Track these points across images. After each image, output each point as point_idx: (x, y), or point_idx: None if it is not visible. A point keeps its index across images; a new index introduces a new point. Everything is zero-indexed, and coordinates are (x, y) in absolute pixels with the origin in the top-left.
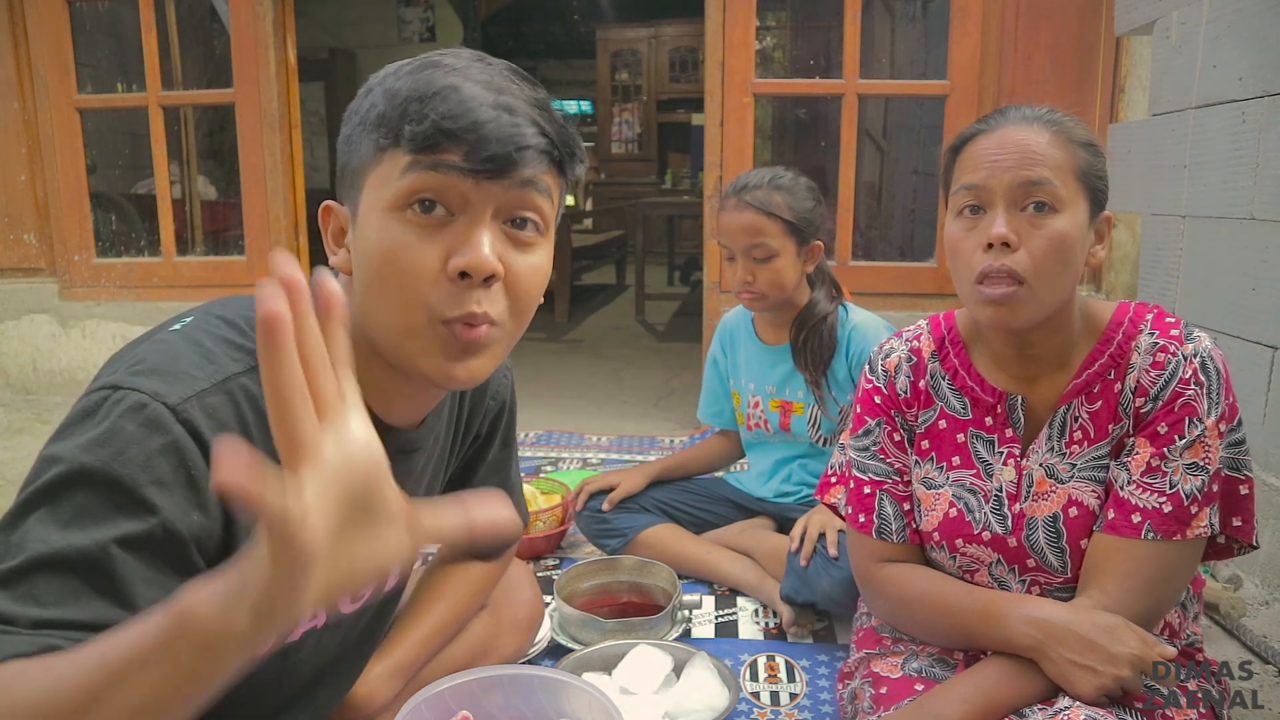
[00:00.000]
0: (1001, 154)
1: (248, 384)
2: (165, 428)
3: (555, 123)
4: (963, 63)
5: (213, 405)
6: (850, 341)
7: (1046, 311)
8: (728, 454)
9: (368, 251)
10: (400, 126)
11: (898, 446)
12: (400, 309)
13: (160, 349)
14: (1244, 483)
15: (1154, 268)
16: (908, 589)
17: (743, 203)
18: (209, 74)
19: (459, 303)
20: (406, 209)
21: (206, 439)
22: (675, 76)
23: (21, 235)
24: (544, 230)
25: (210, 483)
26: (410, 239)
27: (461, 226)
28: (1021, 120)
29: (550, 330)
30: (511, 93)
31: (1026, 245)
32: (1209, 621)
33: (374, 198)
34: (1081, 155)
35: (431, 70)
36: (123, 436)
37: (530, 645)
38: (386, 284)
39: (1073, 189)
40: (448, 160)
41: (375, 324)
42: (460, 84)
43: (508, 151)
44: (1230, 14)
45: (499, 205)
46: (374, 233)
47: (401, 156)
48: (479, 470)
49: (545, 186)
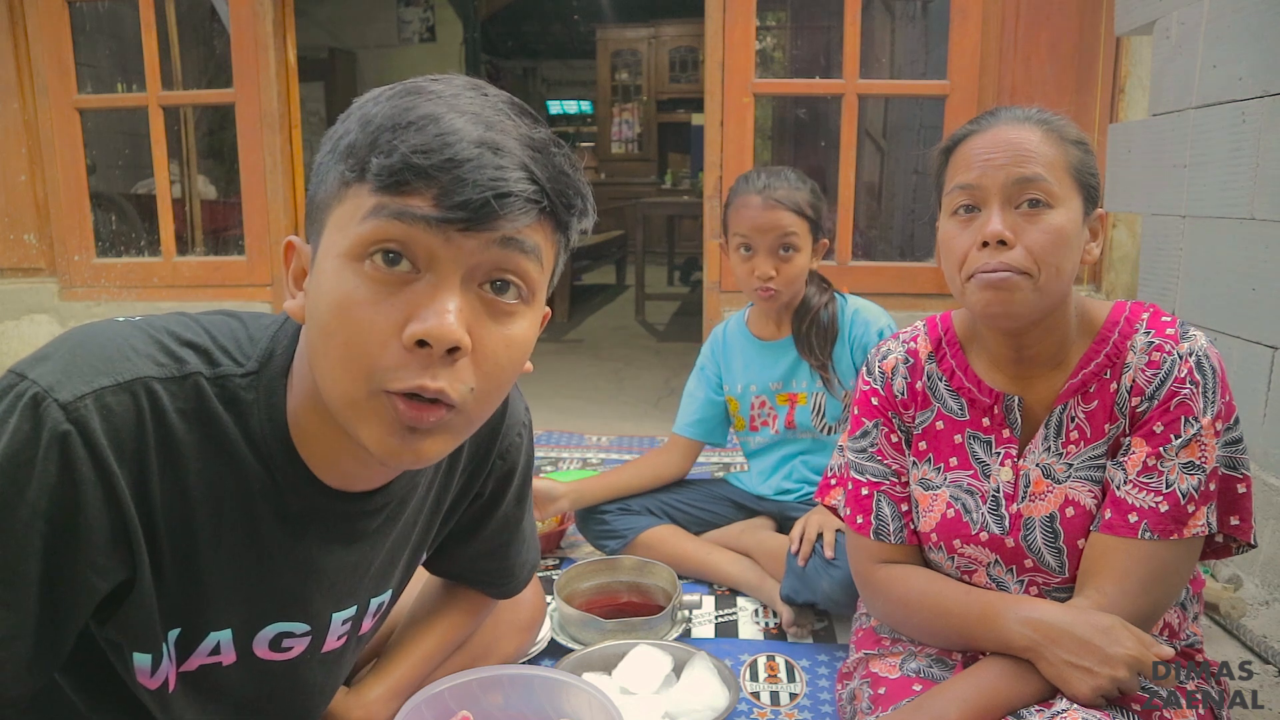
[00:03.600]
0: (995, 153)
1: (158, 390)
2: (50, 424)
3: (552, 167)
4: (963, 63)
5: (112, 405)
6: (852, 325)
7: (1044, 306)
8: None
9: (319, 300)
10: (368, 158)
11: (895, 448)
12: (342, 373)
13: (84, 338)
14: (1241, 481)
15: (1154, 268)
16: (906, 590)
17: (771, 200)
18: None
19: (409, 374)
20: (365, 259)
21: (97, 442)
22: (675, 76)
23: (21, 235)
24: (528, 298)
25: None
26: (364, 295)
27: (426, 286)
28: (1013, 120)
29: (550, 330)
30: (502, 129)
31: (1023, 241)
32: (1209, 621)
33: (334, 240)
34: (1073, 153)
35: (414, 97)
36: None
37: (531, 646)
38: (331, 342)
39: (1066, 186)
40: (414, 208)
41: (320, 385)
42: (442, 114)
43: (485, 198)
44: (1230, 14)
45: (474, 265)
46: (328, 281)
47: (367, 196)
48: (488, 526)
49: (533, 246)
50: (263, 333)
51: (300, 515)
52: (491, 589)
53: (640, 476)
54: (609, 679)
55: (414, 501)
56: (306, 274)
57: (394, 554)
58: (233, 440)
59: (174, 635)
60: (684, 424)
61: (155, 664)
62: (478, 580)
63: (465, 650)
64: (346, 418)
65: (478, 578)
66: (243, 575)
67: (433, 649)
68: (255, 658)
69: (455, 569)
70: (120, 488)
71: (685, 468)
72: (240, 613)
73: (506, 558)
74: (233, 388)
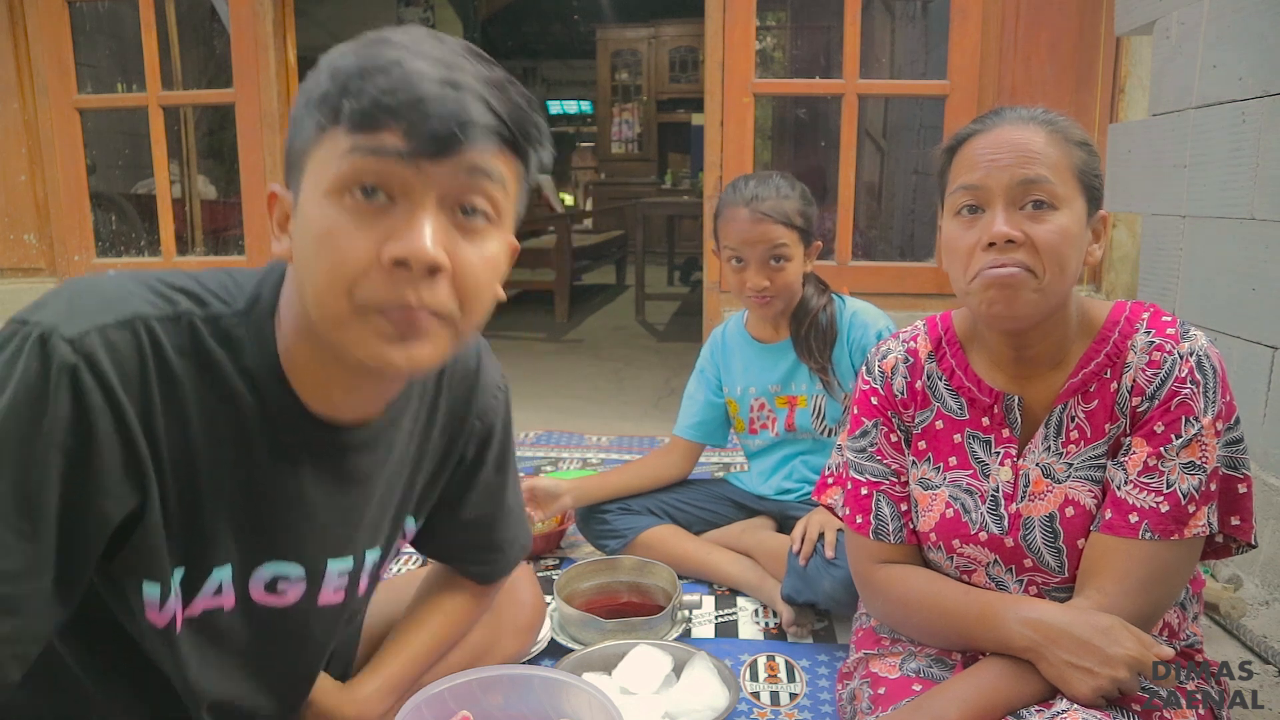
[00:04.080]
0: (999, 153)
1: (155, 328)
2: (60, 357)
3: (510, 102)
4: (963, 63)
5: (115, 339)
6: (851, 327)
7: (1048, 306)
8: (676, 470)
9: (304, 236)
10: (340, 103)
11: (894, 448)
12: (329, 294)
13: (81, 285)
14: (1242, 481)
15: (1154, 268)
16: (905, 590)
17: (758, 214)
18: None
19: (391, 290)
20: (345, 194)
21: (105, 373)
22: (675, 76)
23: (21, 235)
24: (497, 219)
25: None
26: (346, 223)
27: (402, 213)
28: (1018, 120)
29: (550, 330)
30: (461, 69)
31: (1034, 241)
32: (1209, 621)
33: (315, 180)
34: (1078, 154)
35: (378, 46)
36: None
37: (531, 647)
38: (318, 268)
39: (1071, 187)
40: (387, 144)
41: (310, 313)
42: (406, 59)
43: (450, 130)
44: (1230, 14)
45: (444, 191)
46: (312, 217)
47: (342, 138)
48: (470, 496)
49: (497, 173)
50: (248, 279)
51: (293, 448)
52: (482, 568)
53: (641, 477)
54: (609, 679)
55: (398, 452)
56: (289, 219)
57: (383, 507)
58: (227, 374)
59: (179, 575)
60: (684, 426)
61: (164, 597)
62: (467, 559)
63: (465, 651)
64: (337, 337)
65: (466, 556)
66: (240, 509)
67: (427, 645)
68: (254, 603)
69: (444, 547)
70: (129, 417)
71: (686, 469)
72: (238, 547)
73: (494, 532)
74: (224, 326)
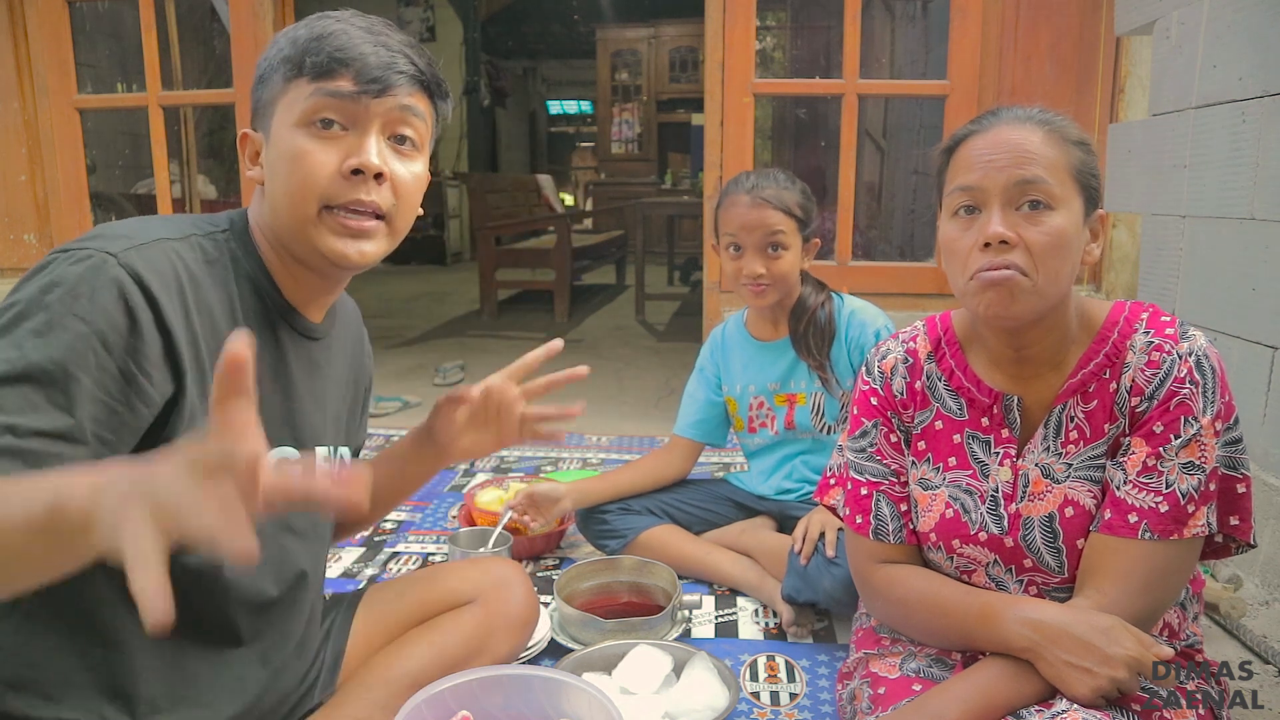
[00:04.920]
0: (996, 154)
1: (178, 248)
2: (108, 269)
3: (423, 59)
4: (963, 63)
5: (150, 255)
6: (849, 326)
7: (1044, 306)
8: (676, 469)
9: (278, 159)
10: (303, 60)
11: (894, 448)
12: (300, 200)
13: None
14: (1241, 481)
15: (1154, 268)
16: (905, 590)
17: (759, 200)
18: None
19: (349, 191)
20: (310, 125)
21: (145, 279)
22: (675, 76)
23: (22, 235)
24: (420, 146)
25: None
26: (313, 146)
27: (354, 137)
28: (1015, 120)
29: (550, 330)
30: (389, 36)
31: (1028, 242)
32: (1209, 621)
33: (284, 118)
34: (1075, 154)
35: (325, 20)
36: (71, 277)
37: (527, 644)
38: (291, 181)
39: (1068, 187)
40: (341, 87)
41: (281, 220)
42: (347, 29)
43: (387, 75)
44: (1230, 14)
45: (383, 122)
46: (283, 144)
47: (305, 85)
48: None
49: (420, 110)
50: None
51: (284, 338)
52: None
53: (642, 477)
54: (609, 679)
55: (336, 358)
56: (259, 154)
57: (339, 404)
58: (236, 278)
59: None
60: (684, 425)
61: None
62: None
63: (458, 649)
64: (306, 234)
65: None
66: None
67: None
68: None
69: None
70: (167, 314)
71: (686, 468)
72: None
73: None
74: (221, 240)
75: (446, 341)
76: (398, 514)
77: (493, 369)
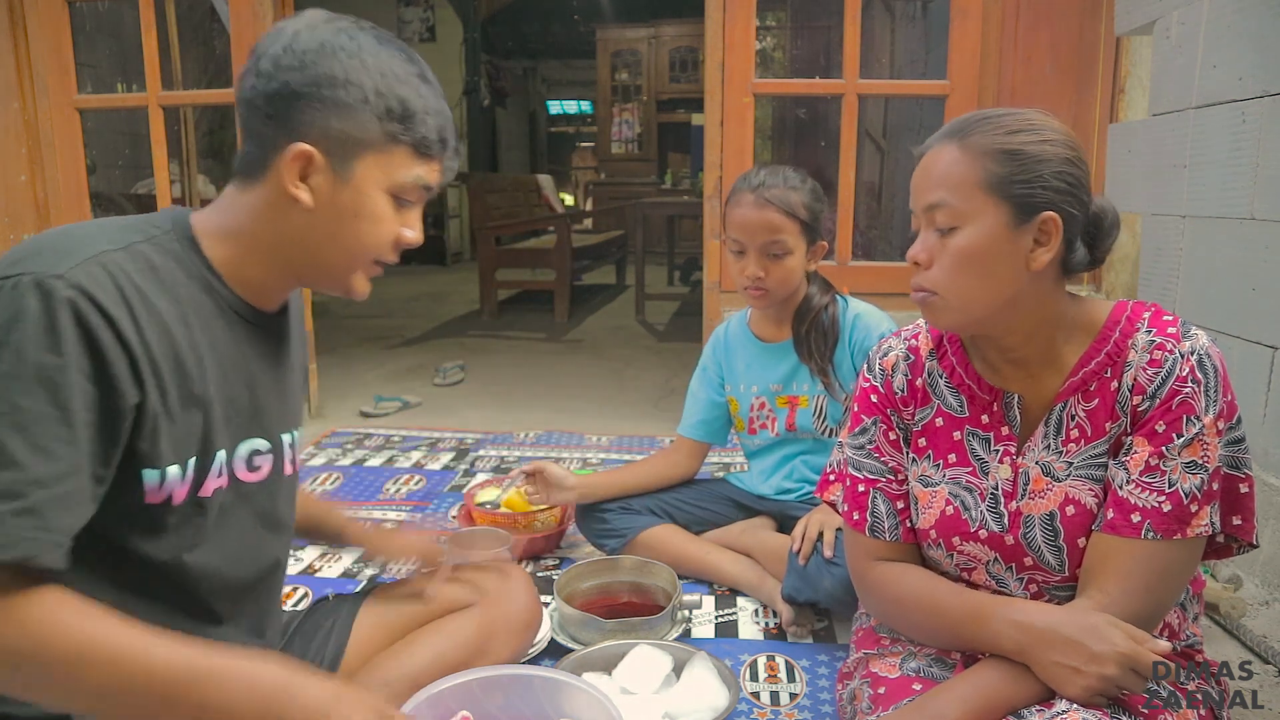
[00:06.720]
0: (918, 178)
1: (119, 259)
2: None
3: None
4: (963, 63)
5: (92, 271)
6: (854, 329)
7: (969, 319)
8: (682, 470)
9: (355, 211)
10: (414, 131)
11: (893, 445)
12: (362, 253)
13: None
14: (1243, 481)
15: (1154, 268)
16: (899, 588)
17: (762, 200)
18: (209, 74)
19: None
20: (395, 198)
21: (97, 297)
22: (675, 76)
23: (22, 235)
24: None
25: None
26: (392, 215)
27: (415, 211)
28: (941, 137)
29: (550, 330)
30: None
31: (937, 263)
32: (1209, 621)
33: (376, 176)
34: (989, 167)
35: (419, 83)
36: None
37: (529, 647)
38: (362, 237)
39: (976, 201)
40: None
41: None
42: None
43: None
44: (1230, 14)
45: None
46: (369, 202)
47: (408, 154)
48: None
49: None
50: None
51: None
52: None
53: (648, 477)
54: (609, 679)
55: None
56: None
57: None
58: (181, 280)
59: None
60: (689, 425)
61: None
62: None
63: (460, 651)
64: (340, 274)
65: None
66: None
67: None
68: (239, 480)
69: None
70: (123, 328)
71: (693, 469)
72: (228, 428)
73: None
74: (162, 243)
75: (446, 341)
76: (398, 514)
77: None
